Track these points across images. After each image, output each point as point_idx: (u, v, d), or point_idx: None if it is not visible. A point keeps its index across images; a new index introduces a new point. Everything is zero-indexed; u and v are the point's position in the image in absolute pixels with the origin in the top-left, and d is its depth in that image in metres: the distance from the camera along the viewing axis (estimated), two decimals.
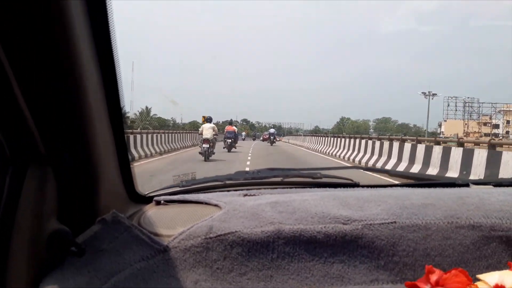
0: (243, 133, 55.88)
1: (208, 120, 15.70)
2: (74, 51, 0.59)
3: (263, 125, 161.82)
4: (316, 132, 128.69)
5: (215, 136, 15.02)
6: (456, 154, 8.73)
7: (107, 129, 0.74)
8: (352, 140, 17.54)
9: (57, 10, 0.54)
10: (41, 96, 0.59)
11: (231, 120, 24.76)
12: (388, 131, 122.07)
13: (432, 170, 9.52)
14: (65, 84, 0.60)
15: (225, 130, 21.73)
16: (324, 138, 24.99)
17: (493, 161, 7.42)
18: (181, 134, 25.55)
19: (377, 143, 14.31)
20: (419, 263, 0.71)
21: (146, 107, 51.57)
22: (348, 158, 17.02)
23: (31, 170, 0.63)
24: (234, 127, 22.37)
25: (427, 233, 0.73)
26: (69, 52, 0.58)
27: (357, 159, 15.56)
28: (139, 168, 10.84)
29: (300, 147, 30.43)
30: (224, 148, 20.52)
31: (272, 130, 34.97)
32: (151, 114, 53.20)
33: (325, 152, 21.81)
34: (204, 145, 14.28)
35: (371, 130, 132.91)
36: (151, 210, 0.87)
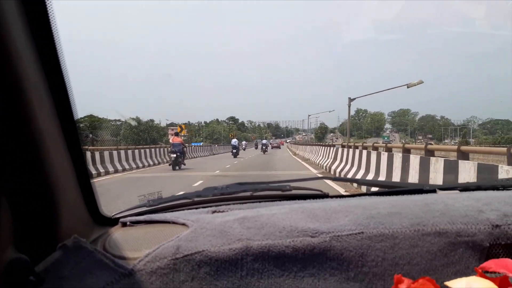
0: (244, 142, 49.87)
1: None
2: (16, 61, 0.56)
3: (257, 124, 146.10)
4: (322, 130, 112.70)
5: None
6: None
7: (62, 146, 0.70)
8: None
9: None
10: None
11: (176, 131, 21.85)
12: (409, 125, 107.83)
13: None
14: (7, 98, 0.57)
15: (171, 142, 17.41)
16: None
17: None
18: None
19: None
20: (388, 273, 0.71)
21: None
22: None
23: None
24: (181, 138, 18.29)
25: (395, 242, 0.73)
26: (9, 61, 0.55)
27: None
28: None
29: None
30: (169, 165, 16.76)
31: (264, 141, 43.43)
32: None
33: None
34: None
35: (388, 125, 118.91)
36: (116, 233, 0.84)
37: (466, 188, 1.04)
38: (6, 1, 0.53)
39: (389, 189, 1.09)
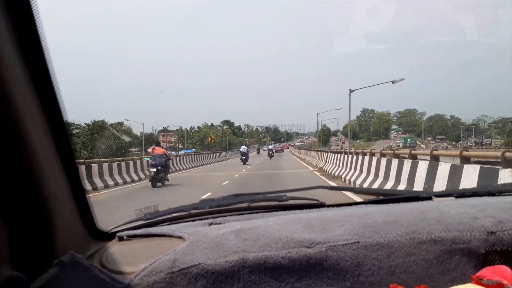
0: (244, 148, 39.49)
1: None
2: (5, 77, 0.55)
3: (254, 128, 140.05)
4: (325, 133, 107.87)
5: None
6: None
7: (55, 161, 0.70)
8: None
9: None
10: None
11: (157, 139, 19.01)
12: (417, 126, 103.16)
13: None
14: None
15: (151, 153, 14.02)
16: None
17: None
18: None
19: None
20: (385, 282, 0.71)
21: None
22: None
23: None
24: (164, 149, 14.68)
25: (390, 250, 0.73)
26: None
27: None
28: None
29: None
30: (149, 181, 13.56)
31: (271, 146, 47.30)
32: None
33: None
34: None
35: (395, 126, 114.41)
36: (113, 247, 0.83)
37: (462, 194, 1.03)
38: None
39: (385, 197, 1.08)
